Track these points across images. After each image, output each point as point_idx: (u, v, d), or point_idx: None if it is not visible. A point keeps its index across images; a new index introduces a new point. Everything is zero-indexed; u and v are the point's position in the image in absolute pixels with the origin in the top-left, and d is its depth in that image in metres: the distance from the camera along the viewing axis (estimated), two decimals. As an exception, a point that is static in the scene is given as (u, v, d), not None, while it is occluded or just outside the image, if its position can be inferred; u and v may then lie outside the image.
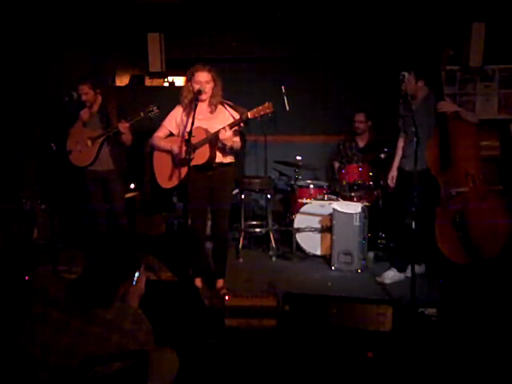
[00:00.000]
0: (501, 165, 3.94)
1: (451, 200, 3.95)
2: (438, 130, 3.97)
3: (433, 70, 4.07)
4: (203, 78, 3.72)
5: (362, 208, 4.74)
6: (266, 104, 3.63)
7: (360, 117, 5.64)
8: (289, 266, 4.88)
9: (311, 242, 5.04)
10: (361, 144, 5.69)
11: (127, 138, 4.45)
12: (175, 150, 3.80)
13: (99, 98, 4.54)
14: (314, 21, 6.06)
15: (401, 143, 4.44)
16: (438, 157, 3.99)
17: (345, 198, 5.10)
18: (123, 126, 4.31)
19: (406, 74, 3.61)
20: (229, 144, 3.70)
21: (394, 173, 4.46)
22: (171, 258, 4.78)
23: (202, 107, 3.78)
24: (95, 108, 4.53)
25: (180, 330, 2.91)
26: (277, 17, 5.94)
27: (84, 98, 4.46)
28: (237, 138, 3.86)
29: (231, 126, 3.66)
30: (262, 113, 3.63)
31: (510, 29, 5.45)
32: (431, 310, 3.40)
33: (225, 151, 3.79)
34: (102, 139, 4.42)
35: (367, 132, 5.69)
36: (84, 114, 4.52)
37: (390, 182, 4.48)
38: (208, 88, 3.74)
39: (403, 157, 4.33)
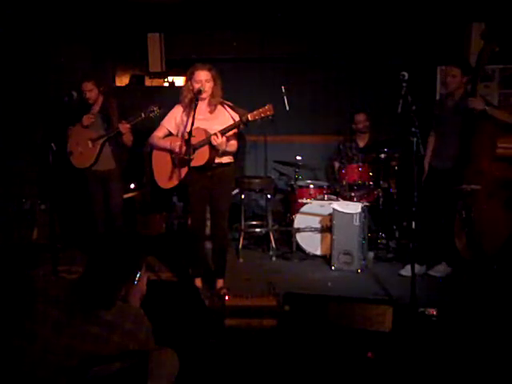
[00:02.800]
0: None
1: (462, 196, 4.01)
2: (462, 128, 4.03)
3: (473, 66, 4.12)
4: (203, 76, 3.71)
5: (362, 208, 4.74)
6: (267, 106, 3.61)
7: (360, 117, 5.64)
8: (289, 265, 4.88)
9: (311, 242, 5.04)
10: (361, 144, 5.69)
11: (128, 138, 4.45)
12: (175, 148, 3.79)
13: (101, 99, 4.53)
14: (314, 21, 6.06)
15: (431, 141, 4.44)
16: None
17: (345, 198, 5.10)
18: (124, 127, 4.31)
19: (405, 73, 3.61)
20: (222, 148, 3.69)
21: (426, 169, 4.43)
22: (171, 257, 4.78)
23: (202, 107, 3.78)
24: (96, 109, 4.53)
25: (180, 330, 2.91)
26: (277, 17, 5.94)
27: (88, 95, 4.44)
28: (233, 141, 3.85)
29: (223, 132, 3.65)
30: (262, 115, 3.61)
31: (510, 29, 5.45)
32: (431, 310, 3.40)
33: (218, 154, 3.78)
34: (102, 140, 4.43)
35: (367, 132, 5.69)
36: (86, 119, 4.49)
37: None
38: (208, 87, 3.73)
39: (433, 155, 4.34)
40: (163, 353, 2.03)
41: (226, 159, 3.87)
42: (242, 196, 5.22)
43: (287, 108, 5.28)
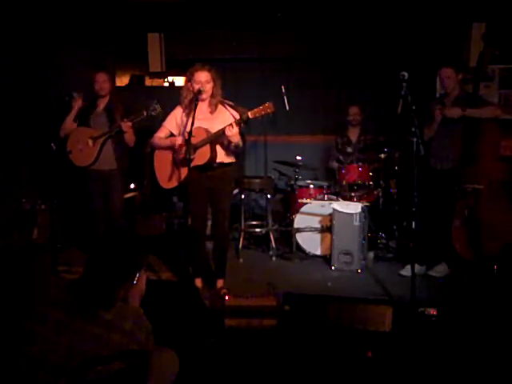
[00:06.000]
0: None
1: (465, 195, 4.02)
2: (463, 127, 4.04)
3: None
4: (203, 77, 3.72)
5: (362, 208, 4.74)
6: (267, 104, 3.62)
7: (353, 109, 5.66)
8: (289, 266, 4.88)
9: (311, 242, 5.04)
10: (353, 138, 5.70)
11: (130, 138, 4.43)
12: (177, 144, 3.78)
13: (107, 97, 4.51)
14: (314, 21, 6.06)
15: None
16: (461, 153, 4.09)
17: (345, 198, 5.10)
18: (126, 125, 4.27)
19: (405, 73, 3.61)
20: (235, 140, 3.68)
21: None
22: (171, 257, 4.78)
23: (202, 107, 3.78)
24: (101, 107, 4.51)
25: (180, 330, 2.91)
26: (277, 17, 5.94)
27: (101, 85, 4.40)
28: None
29: (237, 122, 3.65)
30: (262, 113, 3.62)
31: (510, 29, 5.45)
32: (431, 310, 3.40)
33: (229, 149, 3.77)
34: (103, 139, 4.40)
35: (358, 126, 5.69)
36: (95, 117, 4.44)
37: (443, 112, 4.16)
38: (208, 88, 3.74)
39: (432, 156, 4.32)
40: (163, 353, 2.03)
41: (228, 159, 3.87)
42: (242, 196, 5.22)
43: (287, 108, 5.28)
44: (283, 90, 5.32)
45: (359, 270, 4.61)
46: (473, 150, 4.02)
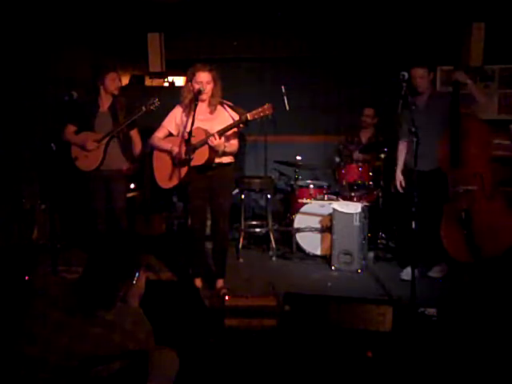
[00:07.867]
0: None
1: (458, 197, 3.99)
2: (450, 127, 4.00)
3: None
4: (204, 78, 3.72)
5: (362, 208, 4.74)
6: (266, 106, 3.63)
7: (369, 111, 5.66)
8: (289, 265, 4.88)
9: (311, 242, 5.04)
10: (363, 139, 5.69)
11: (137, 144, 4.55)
12: (174, 150, 3.80)
13: (110, 97, 4.51)
14: (314, 21, 6.06)
15: (402, 147, 4.42)
16: (449, 154, 4.03)
17: (345, 198, 5.10)
18: (134, 135, 4.45)
19: (405, 73, 3.60)
20: (220, 149, 3.70)
21: (400, 177, 4.41)
22: (171, 257, 4.78)
23: (202, 108, 3.78)
24: (105, 106, 4.49)
25: (180, 330, 2.91)
26: (277, 17, 5.94)
27: (116, 84, 4.42)
28: (234, 141, 3.86)
29: (221, 132, 3.67)
30: (261, 114, 3.63)
31: (510, 29, 5.45)
32: (431, 310, 3.40)
33: (218, 154, 3.78)
34: (106, 140, 4.39)
35: (372, 128, 5.68)
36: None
37: (398, 187, 4.43)
38: (208, 88, 3.74)
39: (417, 159, 4.28)
40: (163, 353, 2.03)
41: (227, 159, 3.88)
42: (242, 196, 5.22)
43: (287, 108, 5.28)
44: (283, 90, 5.32)
45: (359, 270, 4.61)
46: (463, 151, 3.98)
